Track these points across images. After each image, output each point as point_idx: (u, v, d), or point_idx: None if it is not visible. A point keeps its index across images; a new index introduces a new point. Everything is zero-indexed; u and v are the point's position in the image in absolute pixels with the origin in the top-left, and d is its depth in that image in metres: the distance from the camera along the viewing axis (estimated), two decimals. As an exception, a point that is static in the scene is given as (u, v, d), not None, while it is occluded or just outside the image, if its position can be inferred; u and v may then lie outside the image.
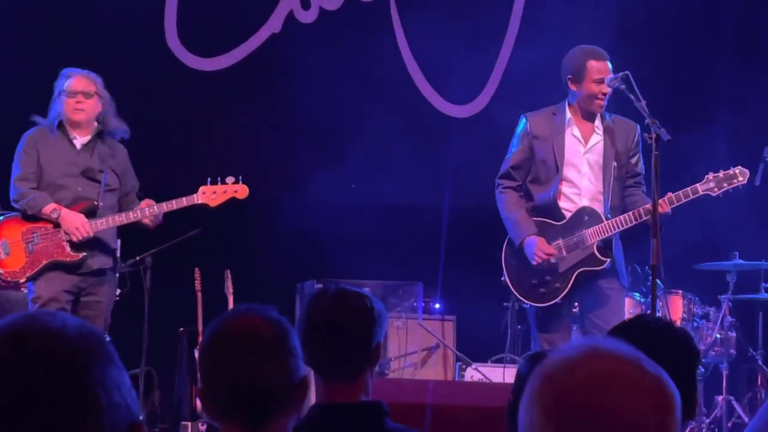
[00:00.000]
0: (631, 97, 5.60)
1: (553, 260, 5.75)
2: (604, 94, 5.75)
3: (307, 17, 8.34)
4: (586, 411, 1.29)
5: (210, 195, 6.07)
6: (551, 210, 5.83)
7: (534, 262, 5.75)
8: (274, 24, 8.28)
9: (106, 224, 5.91)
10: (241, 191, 6.17)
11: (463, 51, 8.36)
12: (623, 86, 5.66)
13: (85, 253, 5.90)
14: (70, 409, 1.18)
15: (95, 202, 5.93)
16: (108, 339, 1.26)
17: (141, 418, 1.24)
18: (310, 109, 8.21)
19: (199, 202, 6.05)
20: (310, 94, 8.18)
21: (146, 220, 5.99)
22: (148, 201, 6.03)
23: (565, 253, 5.78)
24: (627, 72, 5.68)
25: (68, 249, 5.88)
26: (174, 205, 6.01)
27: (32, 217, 5.91)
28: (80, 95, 5.94)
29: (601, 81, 5.75)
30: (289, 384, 2.15)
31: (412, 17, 8.46)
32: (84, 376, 1.20)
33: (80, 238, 5.85)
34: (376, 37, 8.39)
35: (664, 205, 5.61)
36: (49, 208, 5.87)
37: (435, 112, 8.55)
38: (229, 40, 8.20)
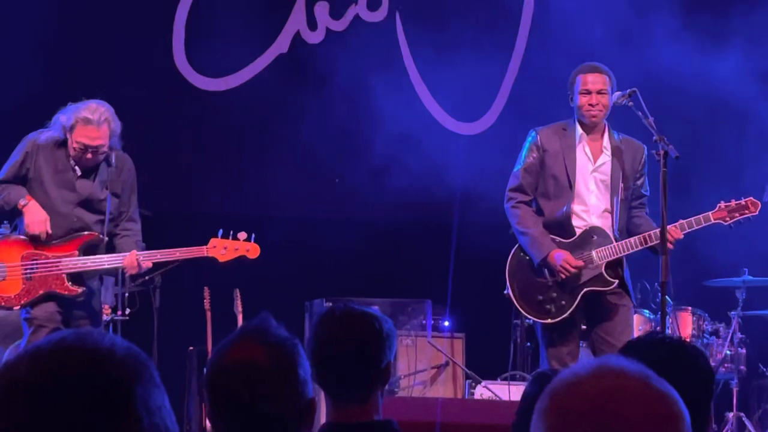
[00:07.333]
0: (639, 114, 5.59)
1: (580, 272, 5.72)
2: (591, 105, 5.75)
3: (314, 38, 8.36)
4: (590, 427, 1.29)
5: (220, 250, 5.81)
6: (563, 226, 5.81)
7: (562, 276, 5.72)
8: (281, 44, 8.30)
9: (93, 265, 5.65)
10: (253, 251, 5.89)
11: (470, 68, 8.36)
12: (630, 103, 5.65)
13: (84, 288, 5.68)
14: (111, 428, 1.20)
15: (100, 236, 5.68)
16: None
17: None
18: (318, 128, 8.22)
19: (208, 255, 5.79)
20: (317, 113, 8.20)
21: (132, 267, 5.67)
22: (154, 252, 5.70)
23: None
24: (635, 89, 5.66)
25: (67, 282, 5.64)
26: (178, 254, 5.75)
27: (33, 243, 5.63)
28: (91, 151, 5.59)
29: (587, 92, 5.76)
30: (292, 410, 2.15)
31: (418, 36, 8.47)
32: (128, 397, 1.22)
33: (35, 232, 5.57)
34: (383, 56, 8.40)
35: (677, 232, 5.61)
36: (22, 202, 5.60)
37: (443, 129, 8.56)
38: (237, 61, 8.22)
